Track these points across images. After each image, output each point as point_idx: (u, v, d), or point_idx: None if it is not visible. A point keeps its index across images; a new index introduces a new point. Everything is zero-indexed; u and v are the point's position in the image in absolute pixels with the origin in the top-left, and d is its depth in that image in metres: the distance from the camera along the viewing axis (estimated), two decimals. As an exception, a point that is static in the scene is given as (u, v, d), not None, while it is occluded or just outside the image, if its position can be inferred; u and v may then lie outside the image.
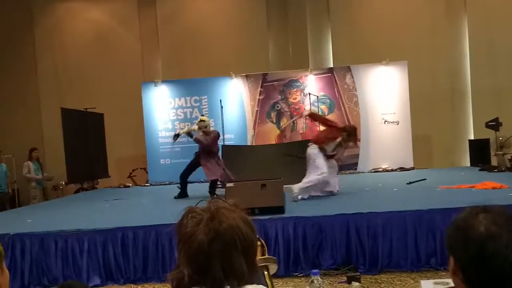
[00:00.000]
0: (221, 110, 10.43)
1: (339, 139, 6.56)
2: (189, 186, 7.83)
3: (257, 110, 11.04)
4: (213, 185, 7.47)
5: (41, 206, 8.55)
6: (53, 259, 4.96)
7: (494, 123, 9.35)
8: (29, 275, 4.96)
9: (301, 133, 10.88)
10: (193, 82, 11.29)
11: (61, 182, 11.15)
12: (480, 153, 9.90)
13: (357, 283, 3.28)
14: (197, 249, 1.20)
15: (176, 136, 8.14)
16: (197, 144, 7.66)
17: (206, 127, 7.53)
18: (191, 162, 7.85)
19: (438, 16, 11.66)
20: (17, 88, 12.49)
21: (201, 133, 7.55)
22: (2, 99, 12.46)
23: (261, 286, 1.25)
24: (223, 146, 9.37)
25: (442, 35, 11.60)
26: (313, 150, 6.53)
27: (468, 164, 10.64)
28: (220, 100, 10.55)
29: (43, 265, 4.98)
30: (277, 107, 11.02)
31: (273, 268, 2.06)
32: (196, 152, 7.79)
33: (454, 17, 11.71)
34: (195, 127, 7.90)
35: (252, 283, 1.23)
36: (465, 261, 1.15)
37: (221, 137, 10.38)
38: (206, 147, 7.45)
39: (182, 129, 9.12)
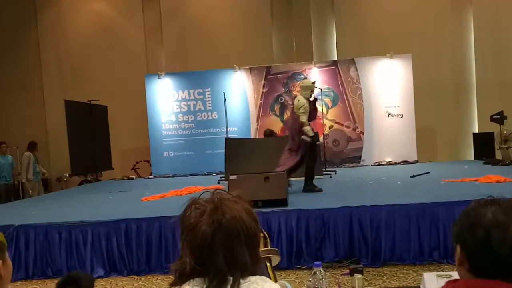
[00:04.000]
0: (225, 103, 10.42)
1: None
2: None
3: (260, 103, 11.02)
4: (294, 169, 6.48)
5: (45, 198, 8.59)
6: (57, 250, 5.00)
7: (498, 117, 9.30)
8: (33, 266, 5.00)
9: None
10: (196, 74, 11.27)
11: (65, 174, 11.20)
12: (484, 146, 9.87)
13: (359, 276, 3.27)
14: (200, 240, 1.21)
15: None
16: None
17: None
18: (303, 156, 6.44)
19: (443, 8, 11.58)
20: (21, 80, 12.53)
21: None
22: (6, 92, 12.51)
23: (263, 277, 1.26)
24: (226, 139, 9.37)
25: (447, 28, 11.54)
26: None
27: (472, 157, 10.60)
28: (224, 93, 10.54)
29: (47, 257, 5.01)
30: (281, 99, 11.00)
31: (276, 260, 2.07)
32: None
33: (459, 10, 11.63)
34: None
35: (255, 274, 1.24)
36: (471, 247, 1.16)
37: (224, 130, 10.42)
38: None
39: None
